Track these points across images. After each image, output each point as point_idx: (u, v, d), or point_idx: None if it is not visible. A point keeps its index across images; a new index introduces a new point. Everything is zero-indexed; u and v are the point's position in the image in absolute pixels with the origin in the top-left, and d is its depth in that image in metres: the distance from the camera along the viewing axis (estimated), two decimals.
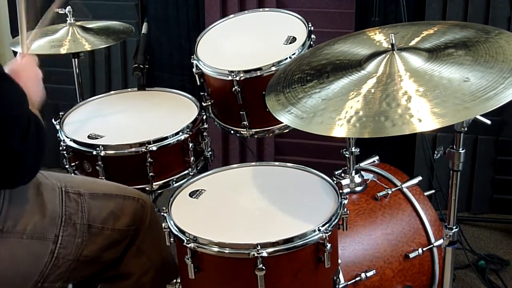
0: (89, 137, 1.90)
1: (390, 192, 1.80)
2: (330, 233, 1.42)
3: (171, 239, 1.49)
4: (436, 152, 1.49)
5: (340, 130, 1.32)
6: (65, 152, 1.89)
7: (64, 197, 1.51)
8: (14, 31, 3.15)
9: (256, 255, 1.36)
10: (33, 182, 1.46)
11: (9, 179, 1.33)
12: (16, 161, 1.29)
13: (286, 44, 1.92)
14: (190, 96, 2.11)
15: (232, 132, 1.97)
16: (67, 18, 2.25)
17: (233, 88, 1.82)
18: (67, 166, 1.93)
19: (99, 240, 1.55)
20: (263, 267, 1.37)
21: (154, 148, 1.83)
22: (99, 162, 1.82)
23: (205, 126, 1.98)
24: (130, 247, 1.63)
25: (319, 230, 1.42)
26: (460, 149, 1.45)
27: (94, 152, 1.83)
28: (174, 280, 1.74)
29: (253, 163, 1.76)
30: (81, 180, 1.62)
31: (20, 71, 1.50)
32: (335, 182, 1.67)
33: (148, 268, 1.65)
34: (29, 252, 1.43)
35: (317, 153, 2.82)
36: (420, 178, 1.88)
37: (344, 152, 1.83)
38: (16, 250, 1.41)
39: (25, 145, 1.29)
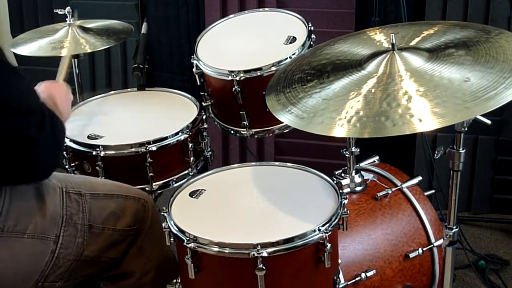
0: (89, 137, 1.90)
1: (390, 192, 1.80)
2: (330, 233, 1.43)
3: (171, 239, 1.49)
4: (436, 152, 1.49)
5: (340, 130, 1.32)
6: (65, 152, 1.89)
7: (65, 197, 1.51)
8: (14, 31, 3.16)
9: (256, 255, 1.36)
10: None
11: (28, 171, 1.34)
12: (33, 151, 1.31)
13: (286, 44, 1.92)
14: (190, 96, 2.11)
15: (232, 132, 1.97)
16: (67, 19, 2.24)
17: (233, 88, 1.82)
18: (67, 167, 1.92)
19: (100, 240, 1.55)
20: (263, 267, 1.37)
21: (154, 148, 1.83)
22: (99, 163, 1.82)
23: (205, 126, 1.98)
24: (131, 247, 1.63)
25: (319, 230, 1.42)
26: (461, 149, 1.45)
27: (94, 153, 1.83)
28: (174, 280, 1.74)
29: (253, 163, 1.76)
30: (82, 180, 1.62)
31: (54, 88, 1.66)
32: (335, 182, 1.67)
33: (149, 268, 1.65)
34: (30, 252, 1.43)
35: (317, 153, 2.82)
36: (420, 178, 1.88)
37: (344, 152, 1.83)
38: (17, 250, 1.41)
39: (42, 135, 1.31)
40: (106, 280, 1.68)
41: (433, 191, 2.03)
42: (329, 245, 1.42)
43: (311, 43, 1.90)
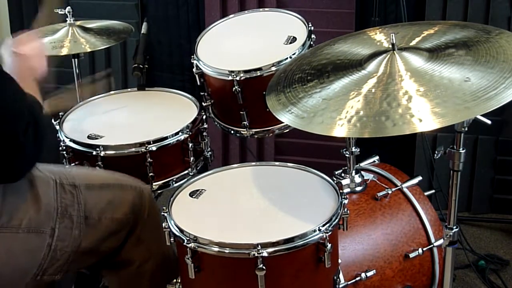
0: (89, 137, 1.90)
1: (390, 192, 1.80)
2: (330, 233, 1.43)
3: (171, 239, 1.49)
4: (436, 152, 1.49)
5: (340, 130, 1.32)
6: (65, 152, 1.89)
7: (59, 190, 1.51)
8: (14, 31, 3.16)
9: (256, 255, 1.36)
10: (27, 176, 1.45)
11: (10, 172, 1.35)
12: (18, 154, 1.31)
13: (286, 44, 1.92)
14: (190, 96, 2.11)
15: (232, 132, 1.97)
16: (67, 18, 2.24)
17: (233, 88, 1.82)
18: (66, 167, 1.92)
19: (97, 231, 1.55)
20: (264, 267, 1.37)
21: (154, 148, 1.83)
22: (99, 162, 1.82)
23: (205, 126, 1.98)
24: (129, 236, 1.63)
25: (319, 230, 1.42)
26: (461, 149, 1.45)
27: (94, 153, 1.83)
28: (174, 280, 1.74)
29: (253, 163, 1.76)
30: (76, 172, 1.62)
31: (24, 43, 1.59)
32: (335, 182, 1.67)
33: (149, 256, 1.66)
34: (26, 246, 1.43)
35: (317, 153, 2.82)
36: (420, 178, 1.88)
37: (344, 152, 1.83)
38: (13, 245, 1.41)
39: (26, 138, 1.31)
40: (107, 268, 1.68)
41: (433, 191, 2.03)
42: (329, 245, 1.42)
43: (311, 43, 1.90)
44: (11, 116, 1.30)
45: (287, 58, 1.81)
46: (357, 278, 1.65)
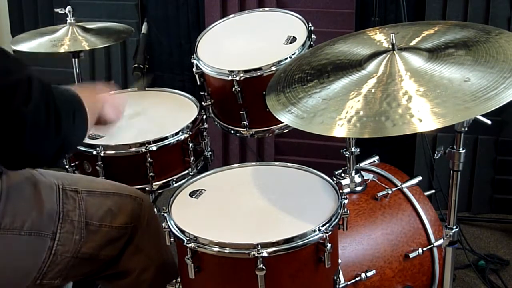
0: (89, 137, 1.90)
1: (390, 192, 1.80)
2: (330, 233, 1.42)
3: (171, 239, 1.49)
4: (436, 152, 1.49)
5: (340, 130, 1.32)
6: None
7: (61, 195, 1.51)
8: (14, 31, 3.16)
9: (256, 255, 1.36)
10: (30, 180, 1.46)
11: (23, 151, 1.23)
12: (25, 127, 1.20)
13: (286, 44, 1.92)
14: (190, 96, 2.11)
15: (232, 132, 1.97)
16: (67, 18, 2.24)
17: (233, 88, 1.82)
18: (67, 166, 1.93)
19: (97, 238, 1.55)
20: (263, 267, 1.37)
21: (154, 148, 1.83)
22: (99, 162, 1.82)
23: (205, 126, 1.98)
24: (128, 245, 1.63)
25: (319, 230, 1.42)
26: (460, 149, 1.45)
27: (94, 152, 1.83)
28: (174, 280, 1.74)
29: (253, 163, 1.76)
30: (78, 178, 1.62)
31: (110, 97, 1.63)
32: (335, 182, 1.67)
33: (147, 265, 1.66)
34: (27, 249, 1.43)
35: (317, 153, 2.82)
36: (420, 178, 1.88)
37: (344, 152, 1.83)
38: (14, 247, 1.41)
39: (30, 108, 1.19)
40: (105, 279, 1.69)
41: (433, 191, 2.03)
42: (329, 245, 1.42)
43: (311, 43, 1.90)
44: (3, 88, 1.17)
45: (287, 58, 1.81)
46: (357, 278, 1.65)
